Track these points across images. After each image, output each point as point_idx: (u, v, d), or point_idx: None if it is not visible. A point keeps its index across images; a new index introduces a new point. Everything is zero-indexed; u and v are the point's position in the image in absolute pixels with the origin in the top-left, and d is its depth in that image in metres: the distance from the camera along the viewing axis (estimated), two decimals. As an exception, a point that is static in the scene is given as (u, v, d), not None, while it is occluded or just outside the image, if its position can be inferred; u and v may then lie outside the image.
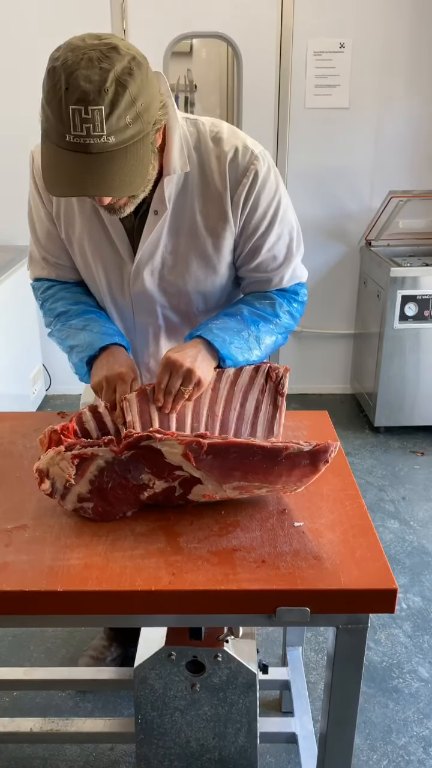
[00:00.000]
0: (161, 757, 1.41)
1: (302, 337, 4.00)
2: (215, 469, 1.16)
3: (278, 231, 1.39)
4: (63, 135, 1.02)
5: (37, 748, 1.87)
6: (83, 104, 1.00)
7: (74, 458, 1.17)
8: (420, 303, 3.33)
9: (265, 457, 1.13)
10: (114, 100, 1.01)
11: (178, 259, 1.37)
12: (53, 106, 1.02)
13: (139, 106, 1.04)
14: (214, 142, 1.30)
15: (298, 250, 1.46)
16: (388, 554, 2.60)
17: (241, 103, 3.56)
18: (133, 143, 1.06)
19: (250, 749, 1.39)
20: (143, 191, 1.21)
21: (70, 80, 1.00)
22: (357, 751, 1.84)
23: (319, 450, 1.13)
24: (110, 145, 1.03)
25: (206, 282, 1.41)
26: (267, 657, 2.14)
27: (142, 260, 1.37)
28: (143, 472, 1.18)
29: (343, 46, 3.43)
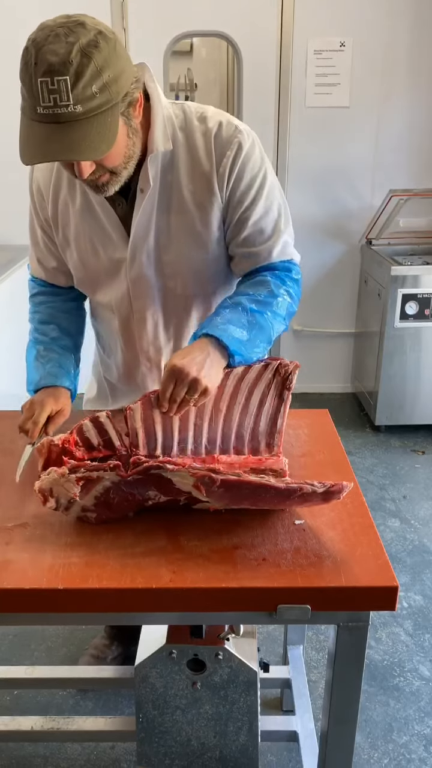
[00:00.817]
0: (162, 755, 1.41)
1: (303, 336, 4.00)
2: (225, 499, 1.16)
3: (265, 205, 1.39)
4: (34, 108, 1.08)
5: (38, 747, 1.87)
6: (50, 75, 1.05)
7: (79, 480, 1.15)
8: (420, 302, 3.32)
9: (277, 495, 1.13)
10: (79, 71, 1.05)
11: (171, 239, 1.39)
12: (25, 82, 1.08)
13: (106, 77, 1.08)
14: (199, 121, 1.34)
15: (286, 228, 1.44)
16: (389, 553, 2.59)
17: (241, 102, 3.56)
18: (101, 112, 1.10)
19: (251, 748, 1.39)
20: (125, 167, 1.25)
21: (39, 55, 1.05)
22: (358, 749, 1.84)
23: (332, 491, 1.11)
24: (77, 113, 1.07)
25: (199, 260, 1.43)
26: (268, 655, 2.14)
27: (135, 242, 1.39)
28: (150, 489, 1.18)
29: (344, 45, 3.43)
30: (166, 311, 1.50)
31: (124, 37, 3.41)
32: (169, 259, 1.42)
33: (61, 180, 1.42)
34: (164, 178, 1.35)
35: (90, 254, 1.45)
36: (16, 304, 3.42)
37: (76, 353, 1.61)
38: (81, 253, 1.46)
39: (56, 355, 1.54)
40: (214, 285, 1.49)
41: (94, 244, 1.43)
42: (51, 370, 1.51)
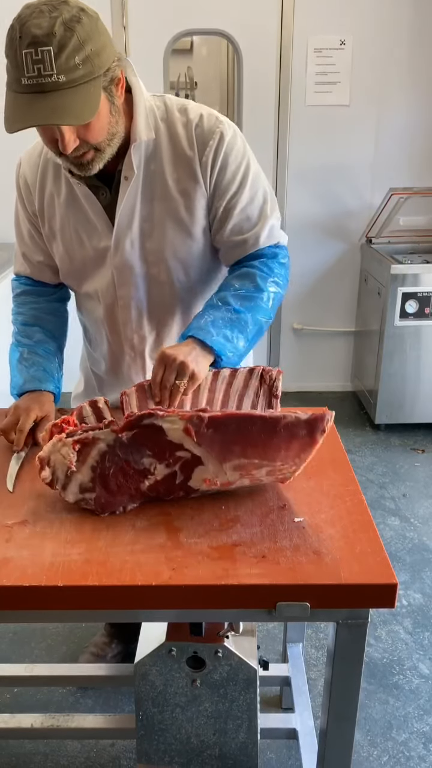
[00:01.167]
0: (162, 753, 1.41)
1: (303, 335, 4.00)
2: (216, 444, 1.16)
3: (250, 192, 1.42)
4: (19, 80, 1.12)
5: (38, 744, 1.87)
6: (34, 47, 1.09)
7: (75, 444, 1.18)
8: (420, 300, 3.32)
9: (263, 428, 1.15)
10: (62, 42, 1.10)
11: (154, 226, 1.42)
12: (10, 56, 1.12)
13: (88, 50, 1.13)
14: (180, 112, 1.39)
15: (272, 213, 1.46)
16: (389, 551, 2.60)
17: (241, 100, 3.56)
18: (84, 83, 1.14)
19: (250, 745, 1.39)
20: (108, 145, 1.28)
21: (23, 29, 1.10)
22: (357, 747, 1.84)
23: (315, 418, 1.15)
24: (61, 83, 1.11)
25: (183, 247, 1.45)
26: (267, 653, 2.15)
27: (120, 229, 1.42)
28: (145, 455, 1.19)
29: (344, 43, 3.43)
30: (150, 299, 1.52)
31: (124, 35, 3.40)
32: (153, 247, 1.44)
33: (47, 173, 1.45)
34: (147, 166, 1.38)
35: (75, 245, 1.48)
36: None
37: (59, 356, 1.61)
38: (66, 244, 1.49)
39: (40, 358, 1.54)
40: (198, 273, 1.51)
41: (80, 234, 1.46)
42: (35, 373, 1.51)
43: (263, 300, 1.40)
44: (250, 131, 3.59)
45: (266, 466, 1.20)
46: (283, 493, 1.27)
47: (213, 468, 1.19)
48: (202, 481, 1.21)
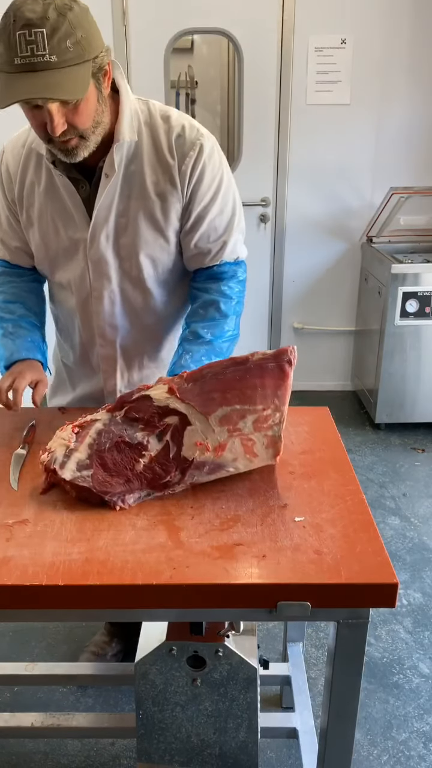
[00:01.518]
0: (162, 752, 1.41)
1: (303, 334, 4.01)
2: (197, 397, 1.26)
3: (221, 204, 1.50)
4: (12, 60, 1.17)
5: (38, 743, 1.87)
6: (28, 28, 1.15)
7: (75, 427, 1.28)
8: (421, 300, 3.32)
9: (236, 369, 1.28)
10: (55, 26, 1.16)
11: (129, 222, 1.48)
12: (3, 38, 1.17)
13: (78, 35, 1.19)
14: (162, 120, 1.44)
15: (238, 227, 1.56)
16: (389, 551, 2.60)
17: (242, 99, 3.56)
18: (74, 64, 1.19)
19: (250, 744, 1.39)
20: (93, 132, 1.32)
21: (17, 14, 1.16)
22: (357, 746, 1.84)
23: (281, 350, 1.30)
24: (53, 63, 1.17)
25: (155, 246, 1.51)
26: (268, 653, 2.15)
27: (97, 223, 1.48)
28: (137, 430, 1.27)
29: (345, 42, 3.43)
30: (122, 291, 1.57)
31: (125, 34, 3.40)
32: (126, 242, 1.50)
33: (29, 162, 1.49)
34: (128, 166, 1.44)
35: (51, 233, 1.53)
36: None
37: (42, 330, 1.67)
38: (43, 232, 1.54)
39: (25, 331, 1.59)
40: (167, 270, 1.57)
41: (56, 224, 1.51)
42: (22, 344, 1.57)
43: (230, 324, 1.55)
44: (250, 130, 3.60)
45: (250, 414, 1.28)
46: (284, 493, 1.27)
47: (201, 425, 1.26)
48: (194, 447, 1.26)
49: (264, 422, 1.29)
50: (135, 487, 1.24)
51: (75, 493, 1.24)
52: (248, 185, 3.63)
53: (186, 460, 1.26)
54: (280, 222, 3.76)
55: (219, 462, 1.27)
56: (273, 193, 3.71)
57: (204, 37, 4.13)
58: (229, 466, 1.28)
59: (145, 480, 1.25)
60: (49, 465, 1.25)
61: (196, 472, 1.27)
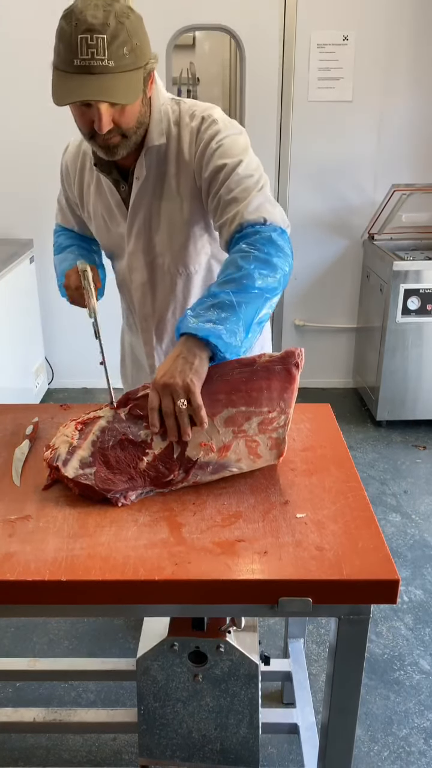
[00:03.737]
0: (163, 747, 1.42)
1: (304, 331, 4.01)
2: (203, 398, 1.24)
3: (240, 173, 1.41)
4: (71, 61, 1.23)
5: (40, 738, 1.88)
6: (89, 33, 1.22)
7: (78, 424, 1.29)
8: (423, 297, 3.32)
9: (242, 370, 1.28)
10: (115, 33, 1.23)
11: (160, 222, 1.55)
12: (65, 39, 1.24)
13: (134, 43, 1.26)
14: (189, 117, 1.48)
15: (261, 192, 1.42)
16: (390, 547, 2.60)
17: (244, 95, 3.55)
18: (129, 71, 1.27)
19: (251, 740, 1.40)
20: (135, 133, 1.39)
21: (80, 17, 1.23)
22: (358, 742, 1.85)
23: (288, 353, 1.30)
24: (110, 68, 1.24)
25: (182, 241, 1.57)
26: (269, 649, 2.15)
27: (131, 222, 1.57)
28: (141, 428, 1.27)
29: (347, 39, 3.42)
30: (152, 284, 1.65)
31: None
32: (158, 240, 1.58)
33: (85, 163, 1.60)
34: (158, 168, 1.50)
35: (103, 229, 1.66)
36: (18, 299, 3.42)
37: (99, 257, 1.80)
38: (98, 227, 1.67)
39: (84, 251, 1.74)
40: (195, 265, 1.62)
41: (105, 220, 1.63)
42: (81, 253, 1.71)
43: (246, 278, 1.31)
44: (252, 127, 3.59)
45: (255, 416, 1.27)
46: (286, 489, 1.28)
47: (206, 426, 1.25)
48: (199, 448, 1.25)
49: (269, 424, 1.29)
50: (138, 485, 1.24)
51: (78, 490, 1.24)
52: (250, 182, 3.63)
53: (190, 460, 1.26)
54: (281, 219, 3.76)
55: (223, 462, 1.27)
56: (274, 189, 3.70)
57: (206, 34, 4.13)
58: (232, 466, 1.28)
59: (148, 478, 1.25)
60: (51, 462, 1.26)
61: (199, 471, 1.27)
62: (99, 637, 2.23)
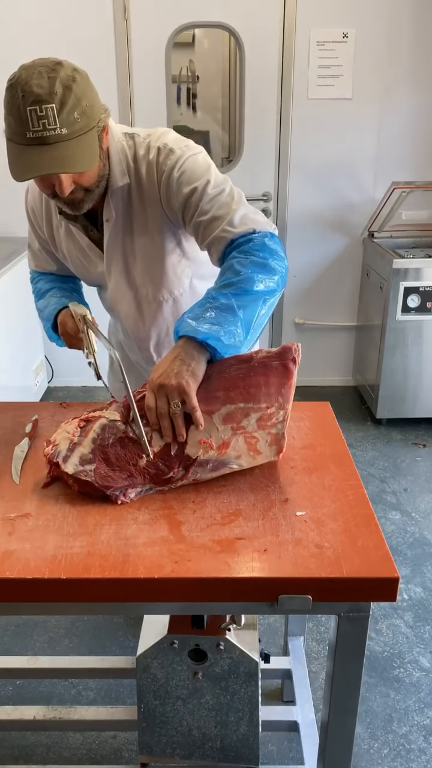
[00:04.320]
0: (163, 745, 1.42)
1: (304, 329, 4.00)
2: (201, 396, 1.26)
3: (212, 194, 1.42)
4: (24, 133, 1.21)
5: (40, 736, 1.88)
6: (38, 104, 1.19)
7: (80, 422, 1.30)
8: (423, 295, 3.32)
9: (240, 366, 1.28)
10: (63, 100, 1.21)
11: (137, 257, 1.56)
12: (13, 112, 1.21)
13: (84, 105, 1.24)
14: (145, 150, 1.46)
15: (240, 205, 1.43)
16: (390, 545, 2.60)
17: (243, 93, 3.55)
18: (83, 134, 1.25)
19: (251, 738, 1.40)
20: (97, 186, 1.39)
21: (25, 88, 1.20)
22: (358, 739, 1.85)
23: (285, 348, 1.30)
24: (64, 135, 1.22)
25: (161, 271, 1.58)
26: (269, 646, 2.16)
27: (108, 262, 1.58)
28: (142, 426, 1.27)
29: (346, 36, 3.42)
30: (144, 313, 1.66)
31: (126, 28, 3.39)
32: (138, 274, 1.59)
33: (50, 206, 1.58)
34: (125, 207, 1.50)
35: (81, 268, 1.66)
36: (17, 297, 3.42)
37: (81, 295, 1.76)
38: (76, 267, 1.67)
39: (65, 292, 1.70)
40: (180, 289, 1.64)
41: (81, 261, 1.63)
42: (63, 295, 1.67)
43: (245, 281, 1.32)
44: (251, 125, 3.59)
45: (254, 413, 1.28)
46: (285, 488, 1.28)
47: (205, 424, 1.26)
48: (198, 445, 1.25)
49: (268, 420, 1.29)
50: (137, 482, 1.24)
51: (77, 487, 1.24)
52: (249, 180, 3.63)
53: (189, 458, 1.26)
54: (281, 217, 3.76)
55: (222, 459, 1.27)
56: (274, 187, 3.70)
57: (205, 32, 4.12)
58: (232, 463, 1.28)
59: (148, 476, 1.25)
60: (52, 458, 1.26)
61: (199, 469, 1.27)
62: (99, 635, 2.23)
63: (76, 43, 3.38)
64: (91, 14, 3.37)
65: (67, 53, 1.52)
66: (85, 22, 3.37)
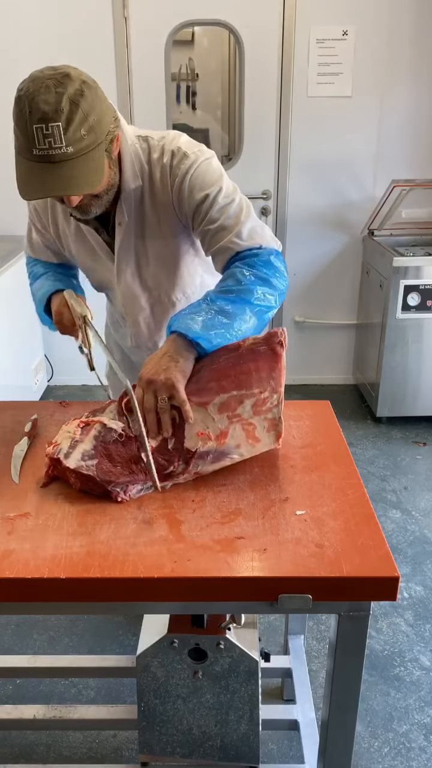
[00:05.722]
0: (163, 744, 1.42)
1: (304, 328, 4.00)
2: (193, 388, 1.28)
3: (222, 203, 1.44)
4: (30, 150, 1.20)
5: (40, 735, 1.88)
6: (44, 122, 1.18)
7: (81, 422, 1.31)
8: (423, 293, 3.32)
9: (229, 355, 1.30)
10: (69, 117, 1.19)
11: (149, 260, 1.56)
12: (21, 127, 1.20)
13: (91, 121, 1.22)
14: (159, 153, 1.45)
15: (248, 219, 1.46)
16: (390, 544, 2.60)
17: (243, 91, 3.54)
18: (89, 151, 1.24)
19: (251, 736, 1.40)
20: (107, 193, 1.39)
21: (32, 104, 1.18)
22: (358, 738, 1.85)
23: (271, 333, 1.32)
24: (69, 154, 1.21)
25: (174, 273, 1.59)
26: (269, 645, 2.16)
27: (120, 264, 1.58)
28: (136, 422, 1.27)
29: (346, 34, 3.41)
30: (154, 316, 1.67)
31: (125, 26, 3.38)
32: (150, 276, 1.59)
33: (56, 207, 1.58)
34: (138, 209, 1.49)
35: (90, 268, 1.66)
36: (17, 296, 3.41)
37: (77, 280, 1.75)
38: (84, 267, 1.67)
39: (60, 276, 1.68)
40: (192, 287, 1.65)
41: (92, 261, 1.62)
42: (57, 278, 1.65)
43: (245, 292, 1.36)
44: (251, 122, 3.59)
45: (247, 399, 1.29)
46: (285, 487, 1.27)
47: (200, 416, 1.28)
48: (197, 438, 1.26)
49: (262, 405, 1.31)
50: (139, 479, 1.24)
51: (79, 484, 1.24)
52: (249, 178, 3.62)
53: (189, 451, 1.27)
54: (281, 215, 3.75)
55: (222, 450, 1.28)
56: (274, 185, 3.70)
57: (205, 29, 4.11)
58: (232, 453, 1.29)
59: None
60: (53, 455, 1.26)
61: (200, 461, 1.27)
62: (99, 634, 2.23)
63: (76, 41, 3.38)
64: (90, 12, 3.36)
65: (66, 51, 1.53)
66: (84, 19, 3.36)
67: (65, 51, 3.03)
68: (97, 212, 1.42)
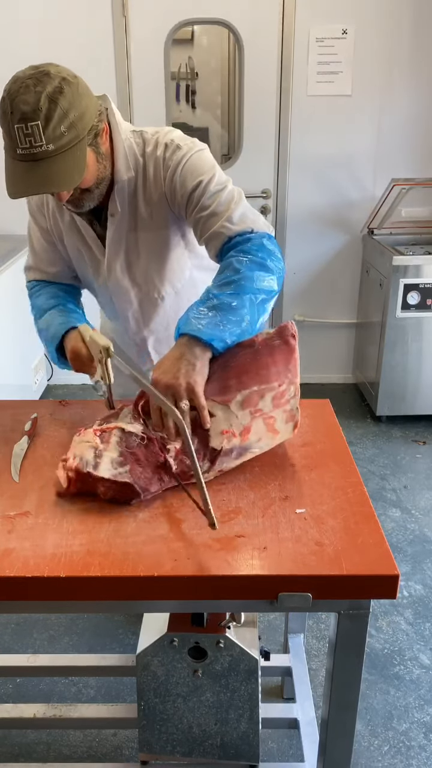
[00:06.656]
0: (163, 742, 1.42)
1: (304, 327, 4.00)
2: (214, 386, 1.28)
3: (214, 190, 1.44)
4: (15, 149, 1.23)
5: (40, 734, 1.88)
6: (24, 122, 1.20)
7: (96, 431, 1.26)
8: (422, 292, 3.32)
9: (245, 352, 1.31)
10: (48, 115, 1.20)
11: (139, 253, 1.57)
12: (5, 127, 1.24)
13: (71, 117, 1.23)
14: (153, 146, 1.47)
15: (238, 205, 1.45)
16: (390, 542, 2.60)
17: (242, 90, 3.54)
18: (70, 147, 1.25)
19: (251, 735, 1.40)
20: (97, 187, 1.40)
21: (13, 105, 1.21)
22: (358, 737, 1.85)
23: (282, 328, 1.34)
24: (51, 151, 1.23)
25: (164, 267, 1.59)
26: (269, 644, 2.16)
27: (110, 257, 1.58)
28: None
29: (346, 33, 3.41)
30: (143, 311, 1.67)
31: (125, 25, 3.38)
32: (140, 271, 1.60)
33: (49, 199, 1.59)
34: (130, 202, 1.50)
35: (80, 261, 1.65)
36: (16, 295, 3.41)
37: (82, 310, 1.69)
38: (74, 259, 1.66)
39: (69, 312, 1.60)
40: (181, 281, 1.64)
41: (82, 253, 1.62)
42: (69, 314, 1.57)
43: (245, 280, 1.34)
44: (251, 121, 3.59)
45: (268, 392, 1.30)
46: (285, 485, 1.27)
47: (223, 414, 1.27)
48: (221, 436, 1.26)
49: (281, 398, 1.32)
50: (166, 482, 1.24)
51: (111, 493, 1.20)
52: (249, 177, 3.62)
53: (215, 450, 1.27)
54: (281, 214, 3.75)
55: (245, 445, 1.29)
56: (274, 184, 3.70)
57: (204, 28, 4.11)
58: (254, 447, 1.30)
59: (175, 473, 1.25)
60: (81, 469, 1.20)
61: (225, 458, 1.28)
62: (99, 633, 2.23)
63: (75, 41, 3.38)
64: (89, 11, 3.36)
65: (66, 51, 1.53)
66: (83, 19, 3.36)
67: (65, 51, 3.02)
68: (91, 205, 1.43)
